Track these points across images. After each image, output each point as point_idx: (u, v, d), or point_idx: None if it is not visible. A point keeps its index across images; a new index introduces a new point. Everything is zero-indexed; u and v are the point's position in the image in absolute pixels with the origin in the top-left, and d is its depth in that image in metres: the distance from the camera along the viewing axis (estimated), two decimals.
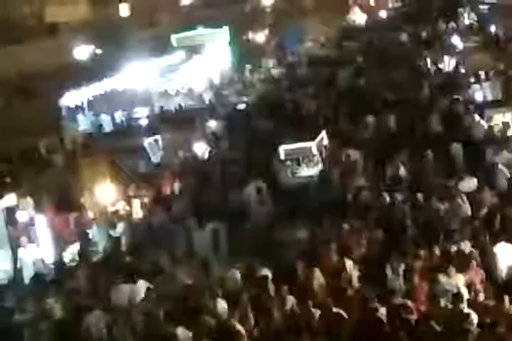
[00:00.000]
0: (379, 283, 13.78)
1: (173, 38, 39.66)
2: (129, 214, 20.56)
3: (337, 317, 12.66)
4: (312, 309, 12.93)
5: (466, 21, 38.17)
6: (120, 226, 19.56)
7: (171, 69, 34.65)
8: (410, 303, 12.88)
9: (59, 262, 18.54)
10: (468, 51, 30.24)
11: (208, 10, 46.57)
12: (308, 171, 20.67)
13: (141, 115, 31.18)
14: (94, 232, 19.77)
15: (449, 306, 12.78)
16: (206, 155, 24.22)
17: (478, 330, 12.08)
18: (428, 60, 29.99)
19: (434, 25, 37.42)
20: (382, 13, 46.46)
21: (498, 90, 24.43)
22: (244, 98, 31.62)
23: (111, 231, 19.47)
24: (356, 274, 14.43)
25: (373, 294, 13.07)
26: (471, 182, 17.61)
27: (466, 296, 13.12)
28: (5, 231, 19.35)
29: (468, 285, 13.45)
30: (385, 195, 17.33)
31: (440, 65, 29.32)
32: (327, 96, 27.57)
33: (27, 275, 18.07)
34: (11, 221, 19.52)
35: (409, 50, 33.04)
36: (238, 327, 12.72)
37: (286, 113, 26.38)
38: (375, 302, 12.79)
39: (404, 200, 17.13)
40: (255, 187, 19.31)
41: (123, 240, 19.19)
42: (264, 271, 14.60)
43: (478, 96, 24.25)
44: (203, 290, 14.26)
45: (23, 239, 18.76)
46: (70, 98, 32.05)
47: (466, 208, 16.42)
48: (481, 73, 25.56)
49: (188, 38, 39.46)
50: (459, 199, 16.58)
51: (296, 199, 18.71)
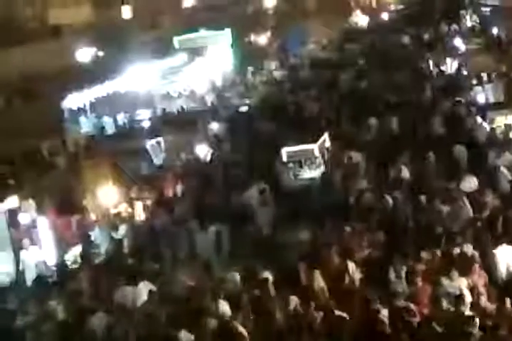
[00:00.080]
0: (381, 286, 13.78)
1: (175, 40, 39.69)
2: (131, 217, 20.57)
3: (339, 319, 12.66)
4: (314, 311, 12.92)
5: (468, 23, 38.11)
6: (122, 228, 19.57)
7: (173, 71, 34.63)
8: (413, 306, 12.88)
9: (61, 264, 18.55)
10: (470, 53, 30.18)
11: (210, 12, 46.66)
12: (311, 173, 20.65)
13: (144, 117, 31.20)
14: (96, 234, 19.79)
15: (451, 309, 12.77)
16: (208, 157, 24.22)
17: (480, 333, 12.07)
18: (430, 62, 29.95)
19: (436, 28, 37.37)
20: (385, 16, 46.50)
21: (501, 92, 24.38)
22: (247, 100, 31.61)
23: (113, 234, 19.49)
24: (358, 276, 14.45)
25: (376, 296, 13.08)
26: (471, 182, 17.60)
27: (469, 299, 13.12)
28: (7, 234, 19.36)
29: (471, 288, 13.44)
30: (387, 197, 17.34)
31: (442, 67, 29.27)
32: (329, 98, 27.54)
33: (29, 278, 18.09)
34: (13, 223, 19.52)
35: (412, 52, 33.00)
36: (240, 329, 12.73)
37: (289, 115, 26.35)
38: (377, 304, 12.79)
39: (406, 202, 17.14)
40: (258, 189, 19.32)
41: (125, 242, 19.20)
42: (265, 274, 14.60)
43: (481, 99, 24.19)
44: (205, 292, 14.26)
45: (26, 241, 18.76)
46: (73, 100, 32.09)
47: (468, 210, 16.41)
48: (483, 75, 25.52)
49: (190, 40, 39.49)
50: (460, 201, 16.58)
51: (298, 202, 18.69)
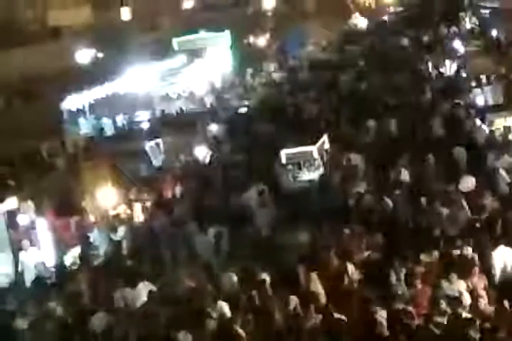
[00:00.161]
0: (380, 288, 13.77)
1: (175, 41, 39.67)
2: (130, 218, 20.58)
3: (338, 322, 12.65)
4: (313, 313, 12.92)
5: (468, 25, 38.16)
6: (121, 230, 19.57)
7: (172, 72, 34.60)
8: (411, 308, 12.88)
9: (60, 265, 18.54)
10: (469, 55, 30.20)
11: (209, 13, 46.66)
12: (310, 175, 20.64)
13: (143, 119, 31.18)
14: (95, 236, 19.79)
15: (449, 311, 12.77)
16: (207, 159, 24.22)
17: (478, 335, 12.07)
18: (429, 64, 29.97)
19: (435, 30, 37.39)
20: (384, 18, 46.51)
21: (500, 94, 24.40)
22: (246, 102, 31.59)
23: (112, 235, 19.48)
24: (357, 278, 14.44)
25: (374, 298, 13.08)
26: (469, 182, 17.61)
27: (468, 302, 13.12)
28: (6, 235, 19.36)
29: (470, 290, 13.44)
30: (386, 199, 17.34)
31: (441, 69, 29.31)
32: (328, 100, 27.54)
33: (28, 279, 18.08)
34: (12, 224, 19.52)
35: (411, 55, 33.01)
36: (239, 331, 12.73)
37: (288, 117, 26.35)
38: (376, 306, 12.79)
39: (406, 205, 17.14)
40: (257, 191, 19.32)
41: (124, 244, 19.20)
42: (263, 275, 14.60)
43: (480, 101, 24.21)
44: (204, 294, 14.27)
45: (25, 242, 18.75)
46: (72, 101, 32.07)
47: (467, 213, 16.41)
48: (483, 77, 25.54)
49: (189, 42, 39.47)
50: (459, 203, 16.58)
51: (297, 203, 18.68)
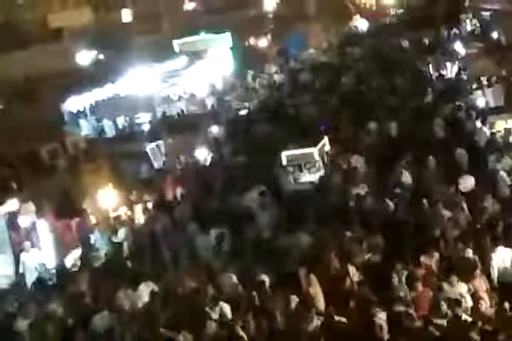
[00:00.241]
0: (381, 290, 13.75)
1: (176, 43, 39.67)
2: (130, 220, 20.58)
3: (338, 325, 12.65)
4: (314, 315, 12.93)
5: (469, 27, 38.16)
6: (122, 231, 19.57)
7: (173, 74, 34.59)
8: (412, 311, 12.87)
9: (61, 267, 18.55)
10: (470, 57, 30.19)
11: (211, 15, 46.64)
12: (310, 177, 20.64)
13: (144, 120, 31.16)
14: (96, 237, 19.80)
15: (450, 313, 12.76)
16: (208, 160, 24.22)
17: (479, 338, 12.07)
18: (430, 66, 29.97)
19: (436, 32, 37.39)
20: (385, 20, 46.51)
21: (501, 96, 24.39)
22: (247, 104, 31.59)
23: (113, 237, 19.49)
24: (358, 280, 14.44)
25: (375, 300, 13.08)
26: (468, 181, 17.60)
27: (469, 304, 13.12)
28: (7, 236, 19.37)
29: (472, 293, 13.43)
30: (388, 201, 17.34)
31: (442, 71, 29.31)
32: (329, 102, 27.53)
33: (29, 280, 18.09)
34: (13, 226, 19.53)
35: (412, 56, 32.97)
36: (240, 333, 12.74)
37: (288, 119, 26.35)
38: (376, 308, 12.79)
39: (406, 206, 17.13)
40: (257, 193, 19.33)
41: (125, 245, 19.21)
42: (263, 276, 14.60)
43: (481, 103, 24.20)
44: (205, 295, 14.27)
45: (26, 243, 18.76)
46: (73, 103, 32.09)
47: (468, 215, 16.41)
48: (483, 79, 25.53)
49: (190, 44, 39.47)
50: (460, 205, 16.59)
51: (298, 205, 18.67)
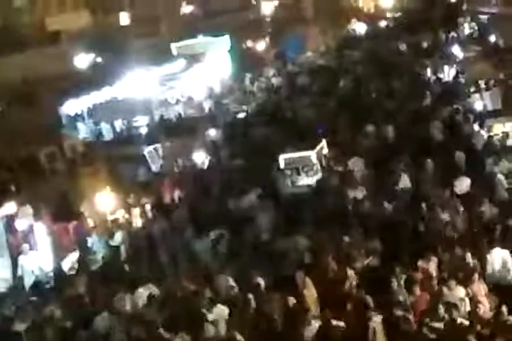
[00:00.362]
0: (378, 294, 13.74)
1: (174, 46, 39.68)
2: (128, 223, 20.56)
3: (336, 329, 12.65)
4: (312, 320, 12.92)
5: (466, 31, 38.22)
6: (119, 234, 19.55)
7: (171, 77, 34.59)
8: (409, 314, 12.87)
9: (58, 270, 18.53)
10: (468, 61, 30.23)
11: (209, 19, 46.67)
12: (308, 180, 20.65)
13: (141, 123, 31.16)
14: (93, 241, 19.78)
15: (447, 317, 12.75)
16: (206, 163, 24.22)
17: None
18: (428, 69, 30.00)
19: (434, 35, 37.44)
20: (383, 23, 46.58)
21: (498, 100, 24.41)
22: (244, 107, 31.60)
23: (110, 240, 19.47)
24: (355, 284, 14.42)
25: (372, 304, 13.07)
26: (464, 183, 17.59)
27: (467, 308, 13.11)
28: (4, 239, 19.35)
29: (470, 297, 13.42)
30: (385, 204, 17.34)
31: (440, 75, 29.34)
32: (327, 105, 27.54)
33: (27, 283, 18.07)
34: (11, 229, 19.51)
35: (410, 60, 33.01)
36: (238, 338, 12.73)
37: (286, 122, 26.36)
38: (371, 312, 12.79)
39: (405, 210, 17.13)
40: (255, 196, 19.33)
41: (122, 248, 19.19)
42: (259, 279, 14.60)
43: (478, 106, 24.22)
44: (202, 298, 14.26)
45: (25, 245, 18.75)
46: (71, 106, 32.08)
47: (465, 218, 16.41)
48: (481, 83, 25.56)
49: (188, 47, 39.45)
50: (458, 209, 16.60)
51: (295, 208, 18.66)
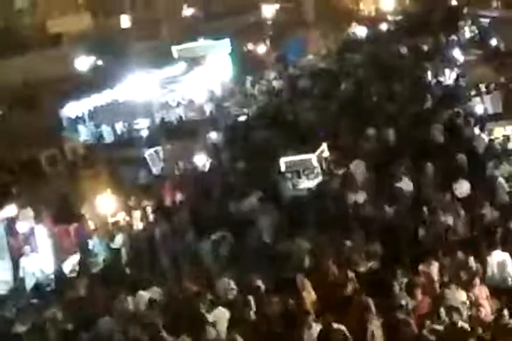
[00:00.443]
0: (380, 297, 13.74)
1: (175, 49, 39.71)
2: (129, 225, 20.57)
3: (337, 333, 12.65)
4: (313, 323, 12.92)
5: (467, 34, 38.26)
6: (120, 237, 19.56)
7: (172, 80, 34.60)
8: (410, 319, 12.87)
9: (59, 273, 18.53)
10: (468, 64, 30.27)
11: (209, 22, 46.71)
12: (309, 183, 20.66)
13: (142, 126, 31.19)
14: (94, 243, 19.80)
15: (447, 321, 12.75)
16: (207, 166, 24.22)
17: None
18: (429, 72, 30.02)
19: (435, 38, 37.47)
20: (384, 26, 46.63)
21: (499, 103, 24.43)
22: (245, 110, 31.62)
23: (111, 243, 19.48)
24: (356, 287, 14.43)
25: (372, 307, 13.08)
26: (464, 186, 17.58)
27: (469, 312, 13.11)
28: (5, 242, 19.36)
29: (471, 300, 13.42)
30: (386, 207, 17.34)
31: (441, 78, 29.36)
32: (328, 108, 27.55)
33: (27, 286, 18.07)
34: (12, 231, 19.52)
35: (410, 63, 33.03)
36: (239, 340, 12.74)
37: (287, 125, 26.36)
38: (371, 315, 12.80)
39: (406, 213, 17.14)
40: (256, 199, 19.34)
41: (123, 251, 19.20)
42: (258, 282, 14.61)
43: (479, 109, 24.23)
44: (202, 300, 14.27)
45: (26, 247, 18.76)
46: (72, 108, 32.09)
47: (466, 222, 16.41)
48: (482, 86, 25.58)
49: (189, 50, 39.48)
50: (458, 212, 16.60)
51: (296, 211, 18.66)
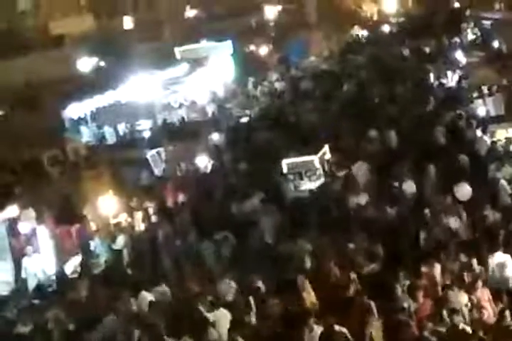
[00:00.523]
0: (381, 299, 13.73)
1: (177, 50, 39.75)
2: (131, 227, 20.57)
3: (339, 335, 12.65)
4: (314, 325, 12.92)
5: (470, 36, 38.29)
6: (121, 238, 19.56)
7: (174, 81, 34.62)
8: (412, 321, 12.86)
9: (61, 274, 18.53)
10: (471, 66, 30.28)
11: (212, 23, 46.76)
12: (311, 185, 20.66)
13: (144, 127, 31.21)
14: (96, 244, 19.80)
15: (449, 323, 12.74)
16: (209, 168, 24.22)
17: None
18: (431, 74, 30.02)
19: (437, 40, 37.49)
20: (386, 28, 46.66)
21: (501, 105, 24.42)
22: (247, 111, 31.63)
23: (113, 244, 19.49)
24: (358, 289, 14.42)
25: (373, 309, 13.08)
26: (465, 189, 17.58)
27: (471, 314, 13.10)
28: (7, 243, 19.36)
29: (473, 303, 13.41)
30: (388, 209, 17.34)
31: (443, 80, 29.36)
32: (330, 109, 27.55)
33: (31, 286, 18.09)
34: (13, 232, 19.52)
35: (413, 65, 33.04)
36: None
37: (289, 126, 26.37)
38: (371, 317, 12.80)
39: (408, 215, 17.14)
40: (258, 200, 19.34)
41: (124, 252, 19.21)
42: (259, 283, 14.61)
43: (481, 111, 24.23)
44: (204, 301, 14.27)
45: (29, 248, 18.77)
46: (74, 109, 32.11)
47: (469, 224, 16.40)
48: (484, 88, 25.58)
49: (191, 51, 39.55)
50: (461, 214, 16.60)
51: (298, 213, 18.66)
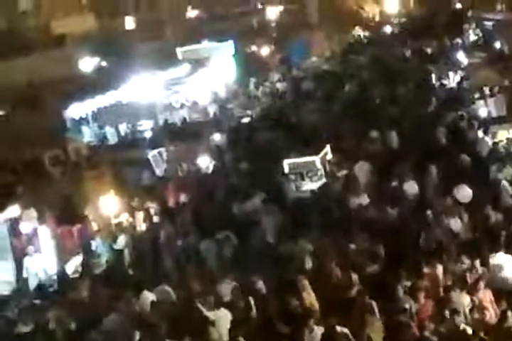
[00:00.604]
0: (382, 300, 13.73)
1: (179, 50, 39.76)
2: (132, 227, 20.57)
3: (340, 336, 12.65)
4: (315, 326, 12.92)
5: (471, 37, 38.29)
6: (123, 238, 19.57)
7: (175, 82, 34.62)
8: (413, 322, 12.86)
9: (62, 273, 18.54)
10: (472, 67, 30.28)
11: (214, 23, 46.80)
12: (312, 185, 20.67)
13: (146, 127, 31.23)
14: (97, 244, 19.81)
15: (449, 324, 12.73)
16: (210, 168, 24.23)
17: None
18: (433, 75, 30.02)
19: (439, 41, 37.49)
20: (388, 29, 46.68)
21: (503, 106, 24.43)
22: (249, 111, 31.64)
23: (114, 244, 19.50)
24: (360, 289, 14.42)
25: (373, 310, 13.08)
26: (465, 191, 17.58)
27: (473, 315, 13.10)
28: (8, 243, 19.37)
29: (475, 304, 13.41)
30: (389, 209, 17.34)
31: (445, 81, 29.36)
32: (332, 110, 27.55)
33: (31, 286, 18.09)
34: (15, 232, 19.53)
35: (414, 66, 33.04)
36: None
37: (291, 127, 26.37)
38: (371, 317, 12.80)
39: (410, 216, 17.13)
40: (259, 201, 19.34)
41: (126, 252, 19.22)
42: (260, 284, 14.62)
43: (483, 112, 24.23)
44: (205, 301, 14.27)
45: (30, 247, 18.78)
46: (75, 109, 32.12)
47: (470, 225, 16.40)
48: (486, 89, 25.58)
49: (193, 51, 39.55)
50: (462, 215, 16.59)
51: (299, 213, 18.66)
